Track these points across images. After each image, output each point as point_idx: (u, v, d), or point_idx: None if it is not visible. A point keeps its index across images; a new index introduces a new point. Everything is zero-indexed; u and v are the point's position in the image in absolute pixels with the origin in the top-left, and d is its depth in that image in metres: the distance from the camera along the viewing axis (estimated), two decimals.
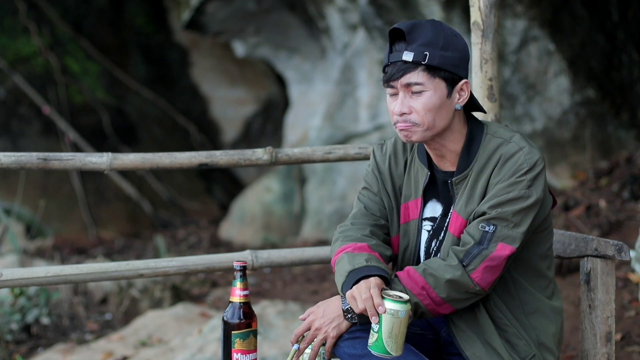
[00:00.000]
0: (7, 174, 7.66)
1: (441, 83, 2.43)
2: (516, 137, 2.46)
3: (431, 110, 2.43)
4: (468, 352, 2.45)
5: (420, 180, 2.57)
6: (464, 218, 2.45)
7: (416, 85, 2.42)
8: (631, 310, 4.23)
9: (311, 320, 2.45)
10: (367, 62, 7.18)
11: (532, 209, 2.41)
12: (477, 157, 2.47)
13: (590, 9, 5.98)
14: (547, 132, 6.04)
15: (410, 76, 2.42)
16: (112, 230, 8.28)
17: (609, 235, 5.04)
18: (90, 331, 5.19)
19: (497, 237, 2.39)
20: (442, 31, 2.43)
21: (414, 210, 2.58)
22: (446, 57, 2.41)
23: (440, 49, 2.41)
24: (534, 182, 2.41)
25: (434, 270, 2.40)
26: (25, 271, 3.12)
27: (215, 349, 4.17)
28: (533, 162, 2.41)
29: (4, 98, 8.44)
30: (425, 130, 2.45)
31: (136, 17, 9.25)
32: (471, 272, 2.38)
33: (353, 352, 2.41)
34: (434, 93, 2.43)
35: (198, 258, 3.28)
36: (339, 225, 2.66)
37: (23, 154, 3.07)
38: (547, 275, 2.54)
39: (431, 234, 2.57)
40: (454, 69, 2.43)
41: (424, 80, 2.42)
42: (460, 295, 2.40)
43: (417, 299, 2.39)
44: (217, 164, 3.23)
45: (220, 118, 9.42)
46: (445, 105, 2.45)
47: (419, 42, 2.41)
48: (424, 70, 2.41)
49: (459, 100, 2.47)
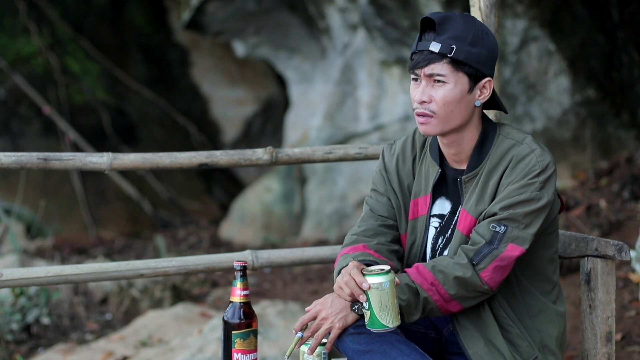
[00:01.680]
0: (7, 174, 7.66)
1: (464, 78, 2.44)
2: (528, 139, 2.47)
3: (450, 102, 2.44)
4: (470, 351, 2.45)
5: (431, 177, 2.57)
6: (474, 217, 2.46)
7: (439, 77, 2.44)
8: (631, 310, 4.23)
9: (318, 310, 2.44)
10: (367, 62, 7.18)
11: (543, 211, 2.43)
12: (488, 157, 2.48)
13: (590, 9, 5.98)
14: (547, 132, 6.05)
15: (435, 67, 2.43)
16: (112, 230, 8.28)
17: (609, 235, 5.04)
18: (91, 331, 5.19)
19: (508, 237, 2.40)
20: (474, 27, 2.44)
21: (423, 206, 2.59)
22: (473, 53, 2.42)
23: (468, 44, 2.42)
24: (545, 185, 2.42)
25: (443, 267, 2.40)
26: (25, 271, 3.11)
27: (216, 349, 4.17)
28: (545, 165, 2.42)
29: (4, 98, 8.44)
30: (441, 122, 2.46)
31: (136, 17, 9.25)
32: (481, 272, 2.39)
33: (357, 347, 2.41)
34: (455, 86, 2.44)
35: (198, 258, 3.28)
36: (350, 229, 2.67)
37: (23, 154, 3.06)
38: (552, 279, 2.55)
39: (438, 230, 2.57)
40: (478, 65, 2.44)
41: (447, 73, 2.43)
42: (469, 294, 2.41)
43: (426, 293, 2.39)
44: (217, 164, 3.23)
45: (220, 118, 9.42)
46: (465, 100, 2.46)
47: (448, 34, 2.42)
48: (449, 63, 2.43)
49: (479, 97, 2.48)
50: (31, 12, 8.62)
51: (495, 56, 2.49)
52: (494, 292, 2.44)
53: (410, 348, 2.41)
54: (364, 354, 2.40)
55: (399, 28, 6.38)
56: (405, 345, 2.41)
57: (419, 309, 2.41)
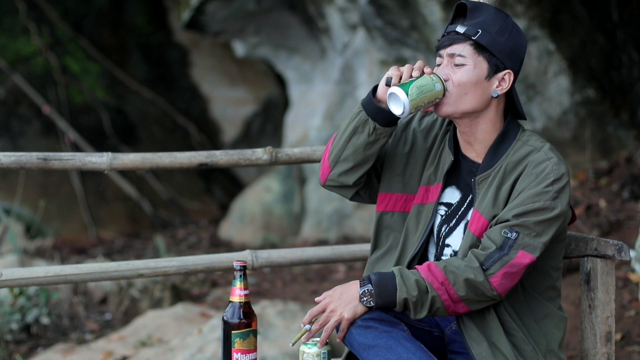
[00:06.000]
0: (7, 174, 7.65)
1: (484, 63, 2.45)
2: (546, 147, 2.48)
3: (465, 84, 2.45)
4: (475, 351, 2.45)
5: (445, 165, 2.58)
6: (487, 219, 2.46)
7: (459, 57, 2.46)
8: (631, 310, 4.23)
9: (327, 302, 2.44)
10: (367, 62, 7.18)
11: (556, 221, 2.43)
12: (504, 159, 2.49)
13: (590, 9, 5.97)
14: (547, 132, 6.04)
15: (457, 47, 2.46)
16: (112, 230, 8.28)
17: (609, 235, 5.04)
18: (90, 331, 5.19)
19: (519, 244, 2.40)
20: (504, 20, 2.46)
21: (434, 194, 2.59)
22: (497, 41, 2.44)
23: (495, 32, 2.44)
24: (559, 194, 2.42)
25: (454, 268, 2.40)
26: (25, 271, 3.11)
27: (215, 349, 4.17)
28: (560, 174, 2.43)
29: (4, 98, 8.44)
30: (454, 102, 2.47)
31: (136, 17, 9.25)
32: (490, 277, 2.40)
33: (364, 340, 2.41)
34: (473, 69, 2.45)
35: (198, 258, 3.28)
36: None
37: (23, 154, 3.06)
38: (556, 287, 2.56)
39: (444, 218, 2.58)
40: (500, 54, 2.45)
41: (468, 54, 2.45)
42: (477, 297, 2.41)
43: (435, 292, 2.39)
44: (217, 163, 3.23)
45: (220, 118, 9.42)
46: (481, 85, 2.46)
47: (477, 20, 2.45)
48: (471, 45, 2.45)
49: (497, 87, 2.48)
50: (31, 12, 8.62)
51: (520, 53, 2.49)
52: (502, 298, 2.45)
53: (415, 346, 2.41)
54: (370, 348, 2.40)
55: (399, 28, 6.38)
56: (411, 343, 2.42)
57: (426, 307, 2.41)
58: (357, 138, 2.57)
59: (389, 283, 2.41)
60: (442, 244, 2.59)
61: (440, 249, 2.59)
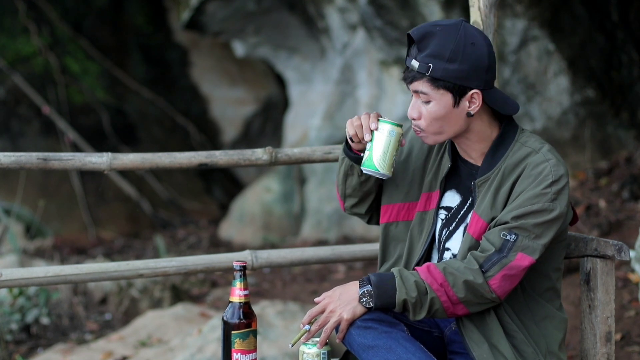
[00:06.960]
0: (7, 174, 7.65)
1: (446, 94, 2.44)
2: (545, 148, 2.47)
3: (436, 119, 2.46)
4: (475, 353, 2.45)
5: (443, 171, 2.60)
6: (486, 222, 2.46)
7: (422, 94, 2.46)
8: (631, 310, 4.23)
9: (326, 303, 2.45)
10: (366, 62, 7.18)
11: (555, 223, 2.42)
12: (503, 161, 2.48)
13: (590, 9, 5.97)
14: (547, 132, 6.04)
15: (417, 85, 2.46)
16: (112, 230, 8.28)
17: (609, 235, 5.04)
18: (90, 331, 5.19)
19: (518, 246, 2.39)
20: (454, 41, 2.41)
21: (435, 199, 2.60)
22: (451, 70, 2.41)
23: (446, 61, 2.40)
24: (558, 196, 2.41)
25: (454, 269, 2.41)
26: (24, 271, 3.11)
27: (215, 349, 4.17)
28: (559, 176, 2.42)
29: (4, 98, 8.44)
30: (434, 135, 2.50)
31: (136, 17, 9.25)
32: (489, 279, 2.40)
33: (363, 341, 2.41)
34: (437, 103, 2.45)
35: (198, 258, 3.28)
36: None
37: (23, 154, 3.06)
38: (556, 288, 2.56)
39: (444, 222, 2.59)
40: (459, 81, 2.42)
41: (428, 91, 2.44)
42: (476, 299, 2.42)
43: (435, 294, 2.40)
44: (216, 164, 3.23)
45: (220, 118, 9.41)
46: (452, 114, 2.46)
47: (427, 52, 2.42)
48: (428, 81, 2.43)
49: (469, 108, 2.47)
50: (31, 12, 8.61)
51: (482, 66, 2.44)
52: (501, 301, 2.44)
53: (415, 347, 2.42)
54: (370, 349, 2.40)
55: (399, 28, 6.38)
56: (411, 343, 2.42)
57: (425, 308, 2.41)
58: (350, 180, 2.67)
59: (388, 284, 2.41)
60: (443, 248, 2.59)
61: (441, 253, 2.60)
